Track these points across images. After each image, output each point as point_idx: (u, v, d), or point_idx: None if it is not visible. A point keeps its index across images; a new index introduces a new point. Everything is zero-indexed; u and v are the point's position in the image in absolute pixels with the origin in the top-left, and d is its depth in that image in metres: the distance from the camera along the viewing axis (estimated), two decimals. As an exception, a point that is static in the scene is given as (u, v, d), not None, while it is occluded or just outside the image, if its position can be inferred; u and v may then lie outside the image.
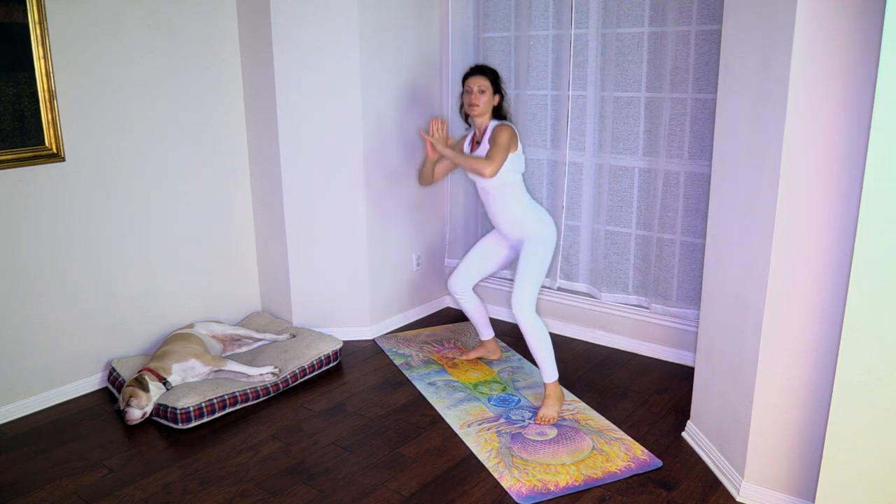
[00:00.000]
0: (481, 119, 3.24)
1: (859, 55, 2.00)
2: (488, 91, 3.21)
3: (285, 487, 2.63)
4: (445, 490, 2.60)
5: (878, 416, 1.88)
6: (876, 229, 1.79)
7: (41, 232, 3.13)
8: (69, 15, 3.08)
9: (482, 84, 3.20)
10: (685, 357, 3.60)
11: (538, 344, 3.10)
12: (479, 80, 3.21)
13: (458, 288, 3.52)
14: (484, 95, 3.20)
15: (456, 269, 3.53)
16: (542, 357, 3.11)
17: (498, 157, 3.05)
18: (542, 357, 3.11)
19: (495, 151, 3.07)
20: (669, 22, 3.32)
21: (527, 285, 3.11)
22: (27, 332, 3.15)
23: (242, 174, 3.90)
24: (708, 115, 3.29)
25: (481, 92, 3.20)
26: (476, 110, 3.21)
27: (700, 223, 3.40)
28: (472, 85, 3.21)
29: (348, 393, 3.38)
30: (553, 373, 3.12)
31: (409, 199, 4.12)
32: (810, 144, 2.15)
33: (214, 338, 3.53)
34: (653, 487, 2.60)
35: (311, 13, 3.57)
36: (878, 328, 1.84)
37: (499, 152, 3.06)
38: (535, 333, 3.10)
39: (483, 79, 3.21)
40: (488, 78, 3.21)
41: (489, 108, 3.23)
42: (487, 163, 3.04)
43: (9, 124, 2.96)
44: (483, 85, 3.20)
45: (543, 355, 3.11)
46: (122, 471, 2.74)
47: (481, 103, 3.19)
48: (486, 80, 3.21)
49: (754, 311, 2.39)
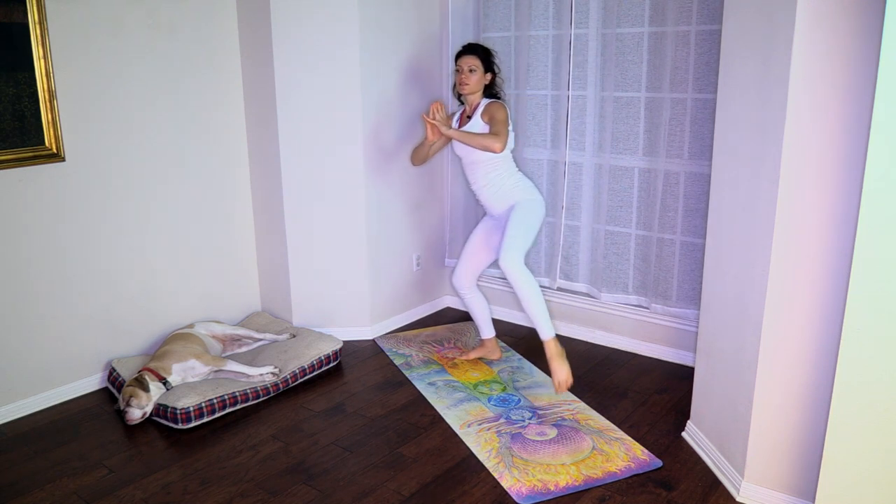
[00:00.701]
0: (473, 97, 3.35)
1: (859, 55, 2.00)
2: (479, 70, 3.29)
3: (285, 487, 2.63)
4: (445, 490, 2.60)
5: (878, 416, 1.88)
6: (876, 229, 1.79)
7: (41, 232, 3.14)
8: (69, 15, 3.08)
9: (472, 63, 3.29)
10: (685, 357, 3.60)
11: (530, 297, 3.09)
12: (469, 60, 3.30)
13: (462, 284, 3.52)
14: (474, 74, 3.29)
15: (456, 266, 3.55)
16: (536, 312, 3.10)
17: (503, 132, 3.15)
18: (536, 312, 3.10)
19: (499, 127, 3.15)
20: (669, 22, 3.32)
21: (515, 241, 3.14)
22: (27, 332, 3.15)
23: (242, 174, 3.90)
24: (708, 115, 3.29)
25: (471, 71, 3.29)
26: (466, 89, 3.30)
27: (700, 223, 3.40)
28: (462, 64, 3.30)
29: (348, 393, 3.38)
30: (549, 328, 3.12)
31: (409, 199, 4.12)
32: (810, 144, 2.15)
33: (214, 338, 3.53)
34: (653, 487, 2.60)
35: (311, 13, 3.57)
36: (878, 328, 1.84)
37: (503, 127, 3.16)
38: (526, 287, 3.09)
39: (473, 58, 3.29)
40: (479, 56, 3.30)
41: (480, 87, 3.33)
42: (495, 138, 3.12)
43: (9, 124, 2.96)
44: (473, 64, 3.29)
45: (537, 310, 3.10)
46: (122, 471, 2.74)
47: (472, 82, 3.29)
48: (477, 59, 3.29)
49: (754, 311, 2.39)
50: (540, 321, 3.12)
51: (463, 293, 3.55)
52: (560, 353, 3.16)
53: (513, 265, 3.10)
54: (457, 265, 3.55)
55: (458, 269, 3.53)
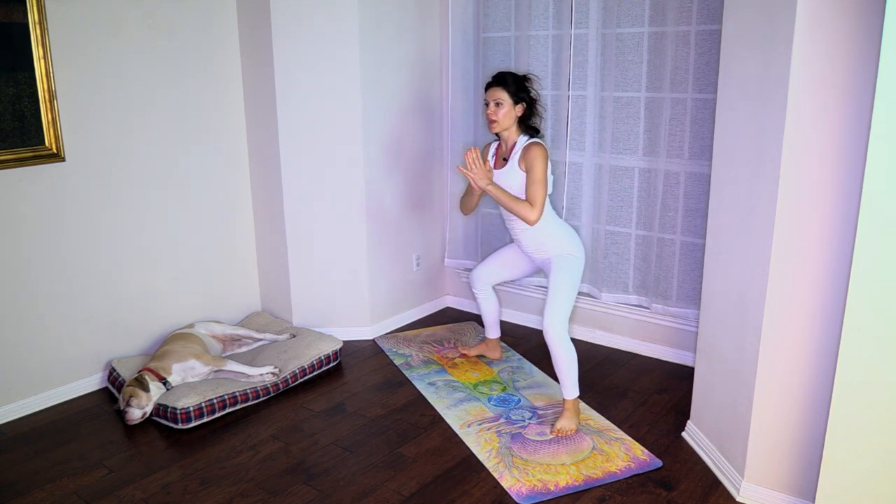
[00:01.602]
0: (507, 133, 3.07)
1: (859, 55, 2.00)
2: (506, 103, 3.00)
3: (285, 487, 2.63)
4: (445, 490, 2.60)
5: (878, 416, 1.88)
6: (876, 229, 1.79)
7: (41, 232, 3.13)
8: (69, 15, 3.08)
9: (498, 96, 3.00)
10: (685, 357, 3.60)
11: (564, 363, 2.97)
12: (494, 93, 3.01)
13: (478, 283, 3.49)
14: (501, 109, 3.00)
15: (481, 264, 3.50)
16: (565, 374, 2.98)
17: (540, 197, 2.93)
18: (565, 374, 2.98)
19: (536, 190, 2.92)
20: (669, 22, 3.32)
21: (558, 304, 2.97)
22: (27, 332, 3.15)
23: (242, 174, 3.90)
24: (708, 115, 3.29)
25: (498, 105, 3.00)
26: (495, 126, 3.03)
27: (700, 223, 3.40)
28: (488, 98, 3.03)
29: (348, 393, 3.38)
30: (574, 390, 3.00)
31: (409, 199, 4.12)
32: (810, 144, 2.15)
33: (214, 338, 3.53)
34: (653, 487, 2.60)
35: (311, 13, 3.57)
36: (878, 328, 1.84)
37: (539, 189, 2.92)
38: (563, 352, 2.96)
39: (499, 90, 3.00)
40: (506, 89, 3.00)
41: (511, 121, 3.03)
42: (530, 209, 2.92)
43: (9, 124, 2.96)
44: (499, 97, 3.00)
45: (567, 374, 2.98)
46: (122, 471, 2.74)
47: (499, 118, 3.01)
48: (504, 92, 2.99)
49: (754, 311, 2.39)
50: (567, 382, 2.99)
51: (477, 291, 3.51)
52: (577, 411, 3.03)
53: (555, 332, 2.95)
54: (481, 264, 3.49)
55: (481, 268, 3.47)
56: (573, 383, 3.00)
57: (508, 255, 3.41)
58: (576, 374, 3.00)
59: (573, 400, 3.02)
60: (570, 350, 2.98)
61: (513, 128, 3.07)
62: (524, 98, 3.04)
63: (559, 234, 3.11)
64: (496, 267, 3.44)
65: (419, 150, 4.10)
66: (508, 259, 3.41)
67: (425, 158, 4.14)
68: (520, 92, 3.03)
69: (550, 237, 3.09)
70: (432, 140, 4.18)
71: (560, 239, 3.09)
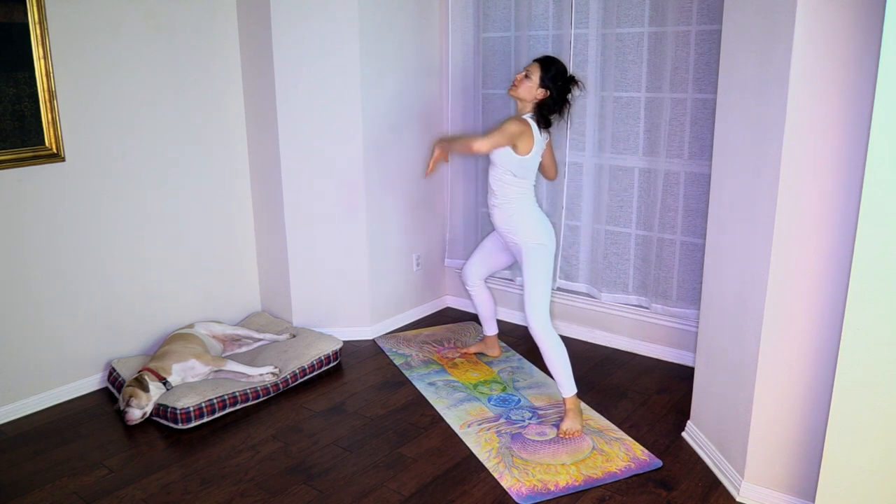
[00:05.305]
0: (520, 104, 3.11)
1: (859, 55, 2.00)
2: (534, 78, 3.03)
3: (285, 487, 2.63)
4: (445, 490, 2.60)
5: (878, 415, 1.88)
6: (876, 229, 1.79)
7: (41, 232, 3.13)
8: (69, 15, 3.08)
9: (531, 69, 3.05)
10: (685, 357, 3.60)
11: (553, 357, 2.98)
12: (533, 66, 3.06)
13: (468, 278, 3.54)
14: (527, 81, 3.04)
15: (468, 260, 3.55)
16: (557, 370, 2.99)
17: (492, 136, 2.97)
18: (557, 370, 2.99)
19: (492, 131, 2.99)
20: (669, 22, 3.32)
21: (535, 297, 3.01)
22: (27, 332, 3.15)
23: (242, 174, 3.90)
24: (708, 115, 3.29)
25: (526, 76, 3.05)
26: (512, 90, 3.09)
27: (700, 223, 3.40)
28: (526, 68, 3.09)
29: (348, 393, 3.38)
30: (570, 387, 2.99)
31: (409, 199, 4.12)
32: (810, 144, 2.15)
33: (214, 338, 3.53)
34: (653, 487, 2.60)
35: (311, 13, 3.57)
36: (878, 328, 1.84)
37: (495, 133, 2.98)
38: (549, 346, 2.98)
39: (536, 66, 3.05)
40: (543, 69, 3.04)
41: (529, 96, 3.05)
42: (477, 137, 3.00)
43: (9, 124, 2.96)
44: (531, 70, 3.05)
45: (559, 369, 2.98)
46: (122, 471, 2.74)
47: (520, 86, 3.05)
48: (539, 69, 3.04)
49: (754, 311, 2.39)
50: (562, 379, 3.00)
51: (469, 287, 3.55)
52: (578, 410, 3.02)
53: (538, 326, 2.99)
54: (468, 261, 3.54)
55: (469, 264, 3.53)
56: (568, 378, 3.00)
57: (488, 245, 3.46)
58: (569, 368, 3.00)
59: (573, 399, 3.01)
60: (557, 343, 3.00)
61: (528, 105, 3.09)
62: (553, 87, 3.05)
63: (530, 219, 3.11)
64: (480, 258, 3.49)
65: (419, 150, 4.10)
66: (489, 248, 3.45)
67: (425, 158, 4.14)
68: (554, 80, 3.05)
69: (520, 221, 3.11)
70: (432, 140, 4.18)
71: (529, 224, 3.10)
